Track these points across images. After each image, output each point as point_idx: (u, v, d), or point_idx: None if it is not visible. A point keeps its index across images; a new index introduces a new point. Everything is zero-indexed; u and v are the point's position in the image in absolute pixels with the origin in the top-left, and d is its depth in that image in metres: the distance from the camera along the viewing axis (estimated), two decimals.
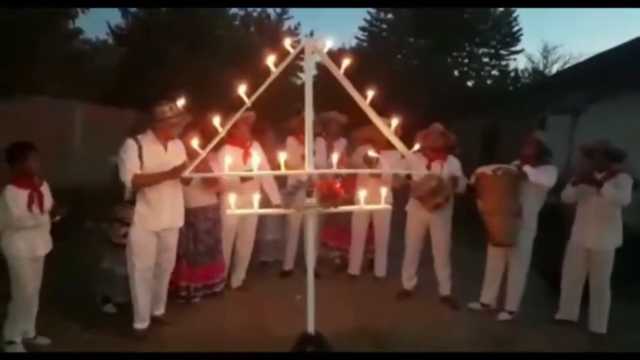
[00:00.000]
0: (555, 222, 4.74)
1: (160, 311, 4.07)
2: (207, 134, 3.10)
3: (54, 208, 3.49)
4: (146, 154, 3.63)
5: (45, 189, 3.48)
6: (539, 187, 4.23)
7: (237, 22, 15.93)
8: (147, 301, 3.82)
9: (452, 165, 4.66)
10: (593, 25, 35.45)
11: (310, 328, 2.85)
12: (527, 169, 4.17)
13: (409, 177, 4.68)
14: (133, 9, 14.39)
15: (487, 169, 4.27)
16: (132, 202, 3.72)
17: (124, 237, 3.73)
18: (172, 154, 3.73)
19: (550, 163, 4.34)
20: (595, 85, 9.47)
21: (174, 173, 3.58)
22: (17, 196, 3.26)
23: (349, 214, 5.24)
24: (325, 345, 2.87)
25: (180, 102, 3.65)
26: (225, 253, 4.72)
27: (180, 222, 3.93)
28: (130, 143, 3.62)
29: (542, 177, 4.19)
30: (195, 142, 2.93)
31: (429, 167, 4.52)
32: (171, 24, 13.11)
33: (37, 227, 3.37)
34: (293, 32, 16.16)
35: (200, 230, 4.39)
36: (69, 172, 7.24)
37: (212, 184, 4.36)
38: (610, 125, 7.10)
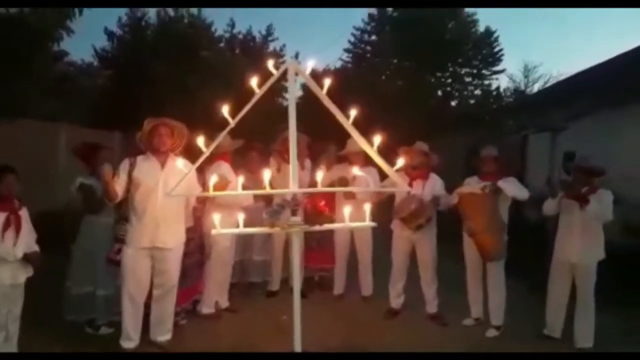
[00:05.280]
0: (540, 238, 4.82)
1: (164, 337, 3.95)
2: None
3: (29, 255, 3.38)
4: (139, 171, 3.72)
5: (24, 213, 3.43)
6: (506, 199, 4.35)
7: (222, 44, 16.04)
8: (135, 322, 3.78)
9: (434, 184, 4.71)
10: (572, 45, 36.41)
11: (297, 347, 2.84)
12: (502, 184, 4.25)
13: (392, 196, 4.75)
14: (118, 32, 14.48)
15: (473, 189, 4.32)
16: (126, 220, 3.76)
17: (117, 254, 3.76)
18: (169, 172, 3.72)
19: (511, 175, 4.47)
20: (574, 103, 9.69)
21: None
22: None
23: (326, 234, 5.27)
24: None
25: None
26: (227, 275, 4.75)
27: (174, 242, 3.84)
28: (123, 163, 3.76)
29: (515, 189, 4.31)
30: (181, 162, 2.94)
31: (410, 186, 4.54)
32: (156, 46, 13.18)
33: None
34: (278, 54, 16.29)
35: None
36: (54, 195, 7.14)
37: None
38: (590, 142, 7.27)
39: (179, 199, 3.76)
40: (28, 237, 3.44)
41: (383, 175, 3.60)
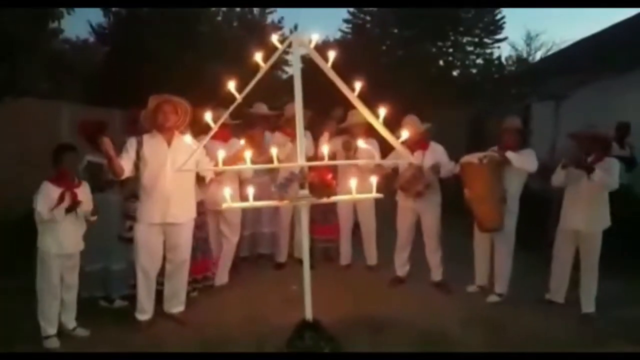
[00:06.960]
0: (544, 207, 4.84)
1: (177, 309, 4.06)
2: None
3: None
4: (146, 150, 3.75)
5: (83, 190, 3.61)
6: (520, 171, 4.34)
7: (219, 18, 15.79)
8: (149, 295, 3.89)
9: (435, 153, 4.72)
10: (574, 11, 35.66)
11: (308, 315, 2.92)
12: (509, 155, 4.26)
13: (395, 168, 4.78)
14: (115, 8, 14.24)
15: (472, 158, 4.35)
16: (136, 197, 3.83)
17: (129, 231, 3.85)
18: (176, 149, 3.77)
19: (527, 147, 4.46)
20: (578, 70, 9.60)
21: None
22: (48, 192, 3.43)
23: (330, 207, 5.33)
24: (323, 331, 2.94)
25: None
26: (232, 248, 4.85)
27: (185, 217, 3.91)
28: (130, 140, 3.77)
29: (525, 161, 4.30)
30: (188, 138, 2.96)
31: None
32: (152, 21, 13.00)
33: (66, 224, 3.51)
34: (277, 26, 16.04)
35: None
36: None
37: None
38: (593, 110, 7.24)
39: (188, 174, 3.80)
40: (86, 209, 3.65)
41: (382, 147, 3.63)
